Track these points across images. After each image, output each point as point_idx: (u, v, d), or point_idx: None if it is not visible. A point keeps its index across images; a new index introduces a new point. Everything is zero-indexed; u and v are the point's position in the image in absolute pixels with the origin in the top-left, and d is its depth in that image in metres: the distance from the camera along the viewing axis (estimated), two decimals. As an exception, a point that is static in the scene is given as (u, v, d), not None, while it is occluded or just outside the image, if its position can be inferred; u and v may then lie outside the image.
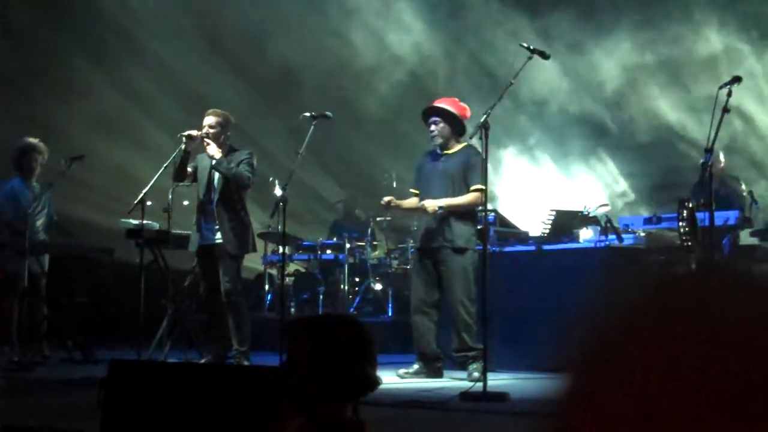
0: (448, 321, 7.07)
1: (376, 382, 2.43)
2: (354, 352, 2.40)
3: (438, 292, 7.12)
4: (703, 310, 0.63)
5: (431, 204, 6.96)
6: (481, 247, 6.70)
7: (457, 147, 7.16)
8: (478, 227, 7.05)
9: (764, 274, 0.67)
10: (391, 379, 6.60)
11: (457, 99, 7.33)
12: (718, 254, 7.04)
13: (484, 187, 6.36)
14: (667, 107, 10.74)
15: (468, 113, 7.21)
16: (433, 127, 7.15)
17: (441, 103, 7.24)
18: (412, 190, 7.44)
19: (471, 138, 6.66)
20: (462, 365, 6.97)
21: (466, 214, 7.07)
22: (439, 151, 7.20)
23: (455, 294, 6.95)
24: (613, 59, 10.80)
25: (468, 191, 7.01)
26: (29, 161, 8.11)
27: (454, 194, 7.03)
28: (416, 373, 7.01)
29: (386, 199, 7.22)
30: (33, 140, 8.14)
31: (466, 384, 6.00)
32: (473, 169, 6.90)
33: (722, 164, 8.32)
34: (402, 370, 7.03)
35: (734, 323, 0.62)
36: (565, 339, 0.69)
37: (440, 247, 7.03)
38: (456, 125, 7.12)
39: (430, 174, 7.20)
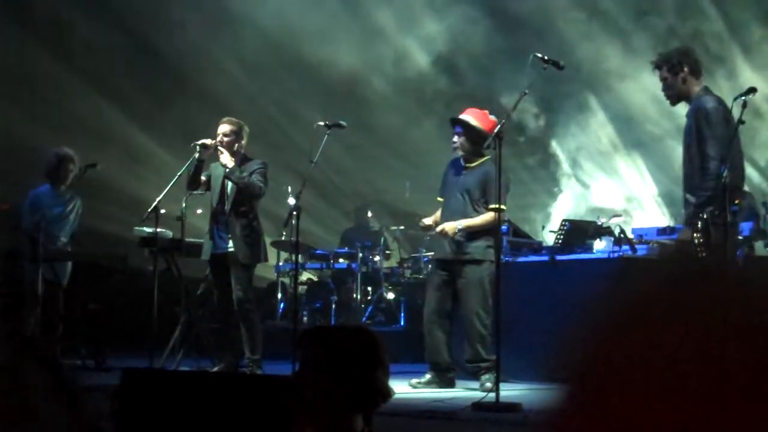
0: (462, 331, 7.05)
1: (389, 392, 2.43)
2: (366, 362, 2.40)
3: (451, 303, 7.09)
4: (707, 308, 0.63)
5: (451, 227, 6.89)
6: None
7: (479, 161, 7.07)
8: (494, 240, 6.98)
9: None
10: (403, 388, 6.57)
11: (487, 112, 7.12)
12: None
13: (501, 207, 6.37)
14: None
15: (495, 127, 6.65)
16: (455, 138, 7.08)
17: (467, 115, 7.10)
18: (439, 199, 7.32)
19: (485, 148, 6.61)
20: (474, 375, 6.94)
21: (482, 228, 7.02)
22: (462, 162, 7.16)
23: (471, 305, 6.92)
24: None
25: (486, 208, 6.95)
26: (65, 170, 8.20)
27: (470, 208, 6.97)
28: (428, 383, 6.99)
29: (427, 222, 7.15)
30: (68, 150, 8.25)
31: (479, 394, 5.98)
32: (490, 187, 6.73)
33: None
34: (414, 380, 7.01)
35: (737, 322, 0.62)
36: (567, 345, 0.69)
37: (457, 260, 7.00)
38: (478, 139, 6.88)
39: (452, 186, 7.14)
